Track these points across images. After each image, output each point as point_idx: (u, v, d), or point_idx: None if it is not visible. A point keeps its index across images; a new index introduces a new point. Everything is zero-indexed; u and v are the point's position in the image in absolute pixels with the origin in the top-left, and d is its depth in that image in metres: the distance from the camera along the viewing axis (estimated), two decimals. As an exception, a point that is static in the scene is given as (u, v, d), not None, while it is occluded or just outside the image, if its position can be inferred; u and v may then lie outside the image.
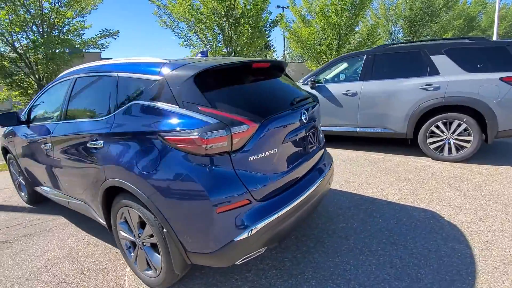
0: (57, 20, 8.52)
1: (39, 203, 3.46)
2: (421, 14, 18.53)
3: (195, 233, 1.54)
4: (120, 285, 1.99)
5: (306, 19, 14.98)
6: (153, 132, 1.59)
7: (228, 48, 11.04)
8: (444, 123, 3.79)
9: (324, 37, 14.03)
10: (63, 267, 2.25)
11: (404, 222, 2.48)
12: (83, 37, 9.19)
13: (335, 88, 4.63)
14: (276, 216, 1.58)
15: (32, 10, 7.68)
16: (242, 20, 10.72)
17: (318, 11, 13.62)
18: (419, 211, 2.66)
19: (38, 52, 7.63)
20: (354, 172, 3.77)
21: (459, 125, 3.69)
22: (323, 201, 3.00)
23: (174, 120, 1.54)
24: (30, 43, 7.70)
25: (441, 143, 3.89)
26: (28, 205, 3.52)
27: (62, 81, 2.59)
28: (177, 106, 1.57)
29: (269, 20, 12.14)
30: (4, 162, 4.13)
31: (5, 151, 3.54)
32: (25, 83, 8.48)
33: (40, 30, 7.99)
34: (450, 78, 3.66)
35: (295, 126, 1.81)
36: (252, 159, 1.54)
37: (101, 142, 1.89)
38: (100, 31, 9.22)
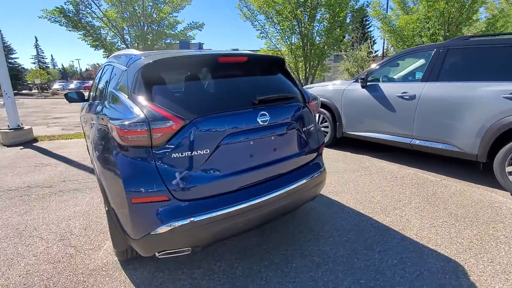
0: (157, 17, 10.04)
1: (97, 166, 4.29)
2: None
3: (123, 218, 1.62)
4: (100, 247, 2.29)
5: (406, 5, 12.83)
6: (108, 118, 1.72)
7: (304, 40, 10.62)
8: (537, 148, 2.68)
9: (426, 26, 11.75)
10: (77, 220, 2.74)
11: (406, 267, 1.94)
12: (175, 30, 10.54)
13: (390, 89, 3.88)
14: (198, 219, 1.50)
15: (138, 9, 9.31)
16: (323, 8, 10.06)
17: (422, -4, 11.48)
18: (439, 259, 2.02)
19: (138, 43, 9.30)
20: (385, 192, 3.14)
21: (559, 155, 2.55)
22: (323, 217, 2.64)
23: (119, 109, 1.64)
24: (134, 35, 9.43)
25: (527, 175, 2.78)
26: (92, 166, 4.41)
27: (101, 67, 3.08)
28: (126, 96, 1.65)
29: (355, 7, 10.95)
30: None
31: (82, 121, 4.52)
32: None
33: (141, 24, 9.62)
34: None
35: (243, 127, 1.64)
36: (176, 156, 1.50)
37: (95, 122, 2.18)
38: (188, 24, 10.40)
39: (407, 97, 3.62)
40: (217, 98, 1.69)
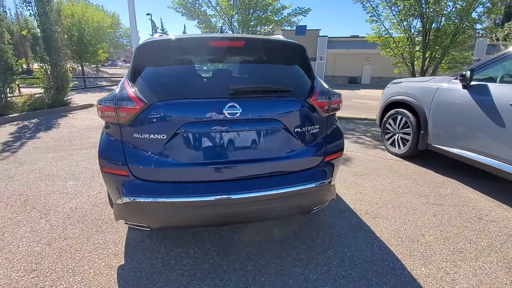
0: (266, 3, 10.32)
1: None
2: None
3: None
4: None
5: None
6: None
7: (426, 25, 8.51)
8: None
9: None
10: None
11: None
12: (280, 16, 10.59)
13: (502, 93, 2.69)
14: (146, 201, 1.55)
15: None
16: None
17: None
18: None
19: (242, 29, 9.90)
20: (447, 234, 2.31)
21: None
22: (335, 239, 2.22)
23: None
24: (239, 22, 10.09)
25: None
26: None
27: None
28: (124, 78, 1.83)
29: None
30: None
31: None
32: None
33: (248, 11, 10.12)
34: None
35: (206, 117, 1.53)
36: (137, 136, 1.56)
37: None
38: (292, 10, 10.22)
39: (529, 107, 2.42)
40: (194, 84, 1.63)
